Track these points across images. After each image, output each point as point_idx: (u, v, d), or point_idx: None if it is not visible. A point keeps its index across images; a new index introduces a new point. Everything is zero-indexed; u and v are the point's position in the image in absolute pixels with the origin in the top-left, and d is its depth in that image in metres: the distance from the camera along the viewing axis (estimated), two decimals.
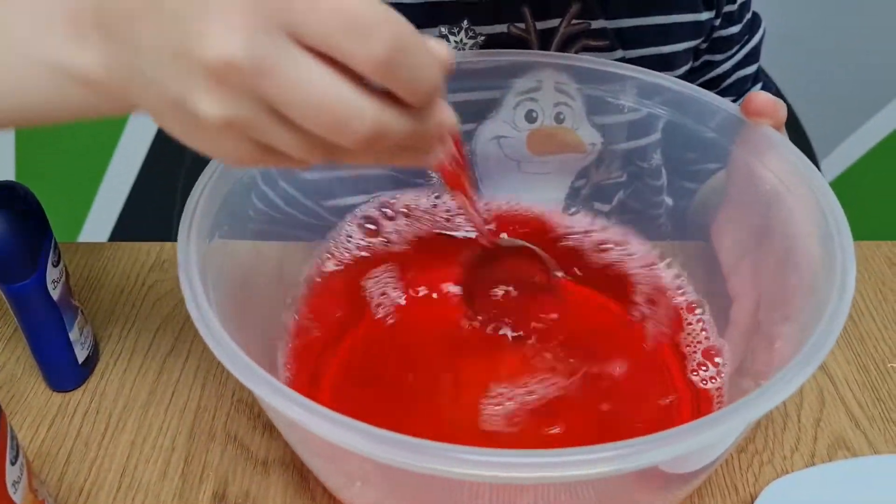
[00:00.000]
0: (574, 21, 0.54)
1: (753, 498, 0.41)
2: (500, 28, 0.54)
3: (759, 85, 0.65)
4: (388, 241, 0.51)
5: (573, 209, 0.54)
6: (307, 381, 0.44)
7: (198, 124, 0.27)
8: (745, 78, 0.63)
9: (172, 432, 0.46)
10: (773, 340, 0.39)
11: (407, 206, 0.52)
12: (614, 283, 0.50)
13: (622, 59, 0.55)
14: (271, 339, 0.44)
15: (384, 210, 0.52)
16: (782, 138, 0.42)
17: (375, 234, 0.51)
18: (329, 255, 0.50)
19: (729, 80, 0.63)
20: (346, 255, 0.50)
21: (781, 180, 0.41)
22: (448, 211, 0.52)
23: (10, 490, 0.35)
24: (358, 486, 0.38)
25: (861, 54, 1.36)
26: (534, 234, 0.53)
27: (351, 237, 0.51)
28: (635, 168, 0.52)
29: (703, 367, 0.44)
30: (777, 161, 0.42)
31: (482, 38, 0.53)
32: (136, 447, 0.45)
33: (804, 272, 0.38)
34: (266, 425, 0.46)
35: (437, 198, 0.53)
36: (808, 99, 1.08)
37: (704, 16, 0.58)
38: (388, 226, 0.52)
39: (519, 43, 0.54)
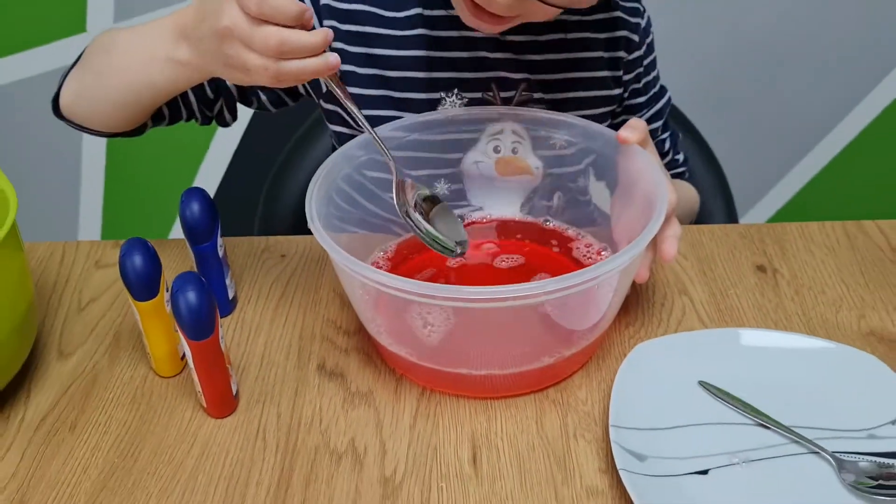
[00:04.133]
0: (523, 93, 0.86)
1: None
2: (478, 95, 0.85)
3: (668, 134, 0.96)
4: None
5: (526, 211, 0.85)
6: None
7: (222, 50, 0.63)
8: (655, 129, 0.94)
9: (289, 337, 0.76)
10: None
11: None
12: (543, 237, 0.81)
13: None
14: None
15: None
16: (638, 148, 0.73)
17: None
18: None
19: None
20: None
21: (638, 171, 0.72)
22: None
23: (221, 343, 0.65)
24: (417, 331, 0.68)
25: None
26: (500, 223, 0.84)
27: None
28: (567, 185, 0.83)
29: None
30: (635, 161, 0.72)
31: (466, 99, 0.85)
32: (268, 345, 0.75)
33: (642, 212, 0.69)
34: (345, 331, 0.76)
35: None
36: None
37: (615, 92, 0.89)
38: None
39: (489, 105, 0.86)
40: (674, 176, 0.97)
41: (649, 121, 0.93)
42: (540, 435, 0.66)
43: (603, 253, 0.79)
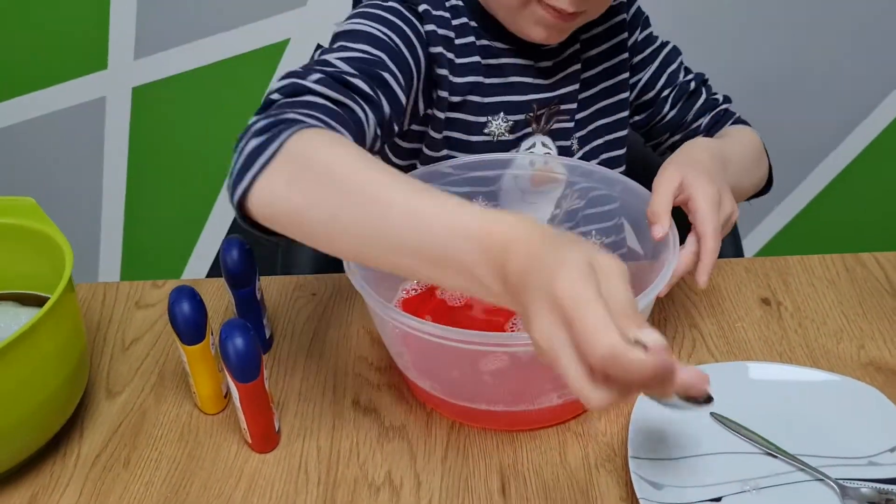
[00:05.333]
0: (551, 106, 0.91)
1: None
2: (521, 117, 0.90)
3: (692, 75, 0.98)
4: None
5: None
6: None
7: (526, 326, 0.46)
8: (673, 72, 0.96)
9: (324, 373, 0.81)
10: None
11: None
12: None
13: (576, 124, 0.92)
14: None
15: None
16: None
17: None
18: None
19: (660, 81, 0.96)
20: None
21: None
22: None
23: (266, 384, 0.70)
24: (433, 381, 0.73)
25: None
26: None
27: None
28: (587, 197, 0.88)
29: None
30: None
31: (510, 121, 0.90)
32: (304, 381, 0.80)
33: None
34: (376, 367, 0.81)
35: None
36: None
37: (625, 76, 0.94)
38: None
39: (528, 123, 0.90)
40: (719, 116, 0.97)
41: (661, 66, 0.97)
42: (564, 465, 0.70)
43: None
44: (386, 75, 0.74)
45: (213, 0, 1.54)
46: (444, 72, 0.83)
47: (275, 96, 0.67)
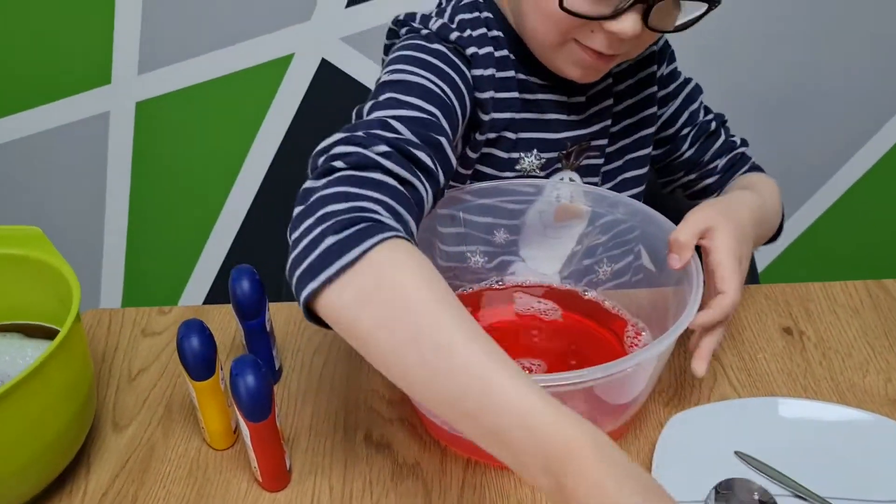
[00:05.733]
0: (582, 143, 0.89)
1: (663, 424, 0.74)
2: (554, 154, 0.88)
3: (711, 115, 0.98)
4: None
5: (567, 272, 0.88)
6: None
7: None
8: (694, 111, 0.96)
9: (335, 406, 0.79)
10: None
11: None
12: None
13: (605, 159, 0.91)
14: None
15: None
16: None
17: None
18: None
19: (682, 118, 0.95)
20: None
21: None
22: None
23: (277, 422, 0.68)
24: None
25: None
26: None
27: None
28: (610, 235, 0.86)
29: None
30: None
31: (543, 159, 0.88)
32: (315, 415, 0.78)
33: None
34: (389, 401, 0.79)
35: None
36: None
37: (654, 109, 0.93)
38: None
39: (559, 160, 0.89)
40: (735, 160, 0.97)
41: (684, 103, 0.95)
42: None
43: (640, 331, 0.82)
44: (441, 139, 0.69)
45: (216, 15, 1.53)
46: (486, 117, 0.82)
47: (338, 164, 0.61)
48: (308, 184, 0.62)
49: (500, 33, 0.84)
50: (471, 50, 0.79)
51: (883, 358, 0.82)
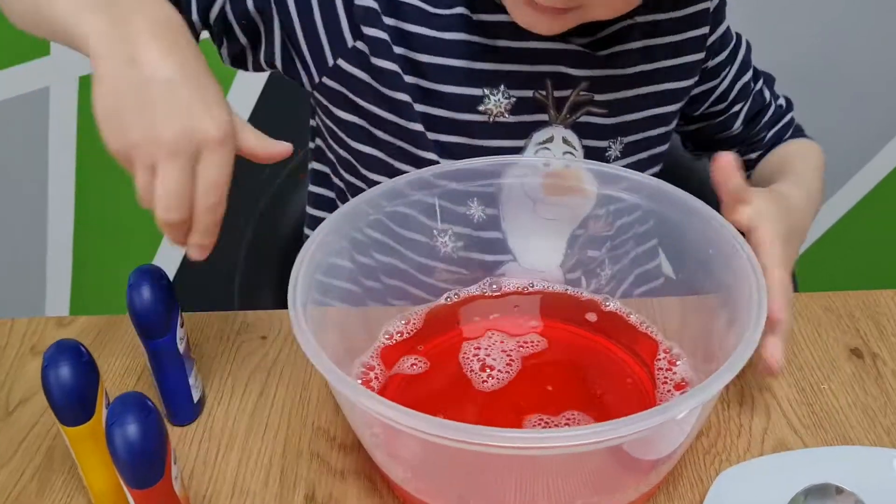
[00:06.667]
0: (582, 92, 0.70)
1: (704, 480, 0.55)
2: (528, 93, 0.69)
3: (761, 81, 0.80)
4: None
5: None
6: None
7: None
8: (746, 83, 0.79)
9: (269, 452, 0.60)
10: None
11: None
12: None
13: (618, 126, 0.72)
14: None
15: None
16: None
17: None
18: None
19: (733, 92, 0.78)
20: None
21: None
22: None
23: (175, 486, 0.49)
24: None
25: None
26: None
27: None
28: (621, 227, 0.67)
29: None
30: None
31: (514, 99, 0.69)
32: (242, 464, 0.59)
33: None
34: (340, 445, 0.60)
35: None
36: None
37: (691, 82, 0.74)
38: None
39: (539, 106, 0.70)
40: (781, 127, 0.82)
41: (737, 74, 0.78)
42: None
43: (674, 360, 0.62)
44: None
45: None
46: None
47: None
48: None
49: None
50: None
51: None
